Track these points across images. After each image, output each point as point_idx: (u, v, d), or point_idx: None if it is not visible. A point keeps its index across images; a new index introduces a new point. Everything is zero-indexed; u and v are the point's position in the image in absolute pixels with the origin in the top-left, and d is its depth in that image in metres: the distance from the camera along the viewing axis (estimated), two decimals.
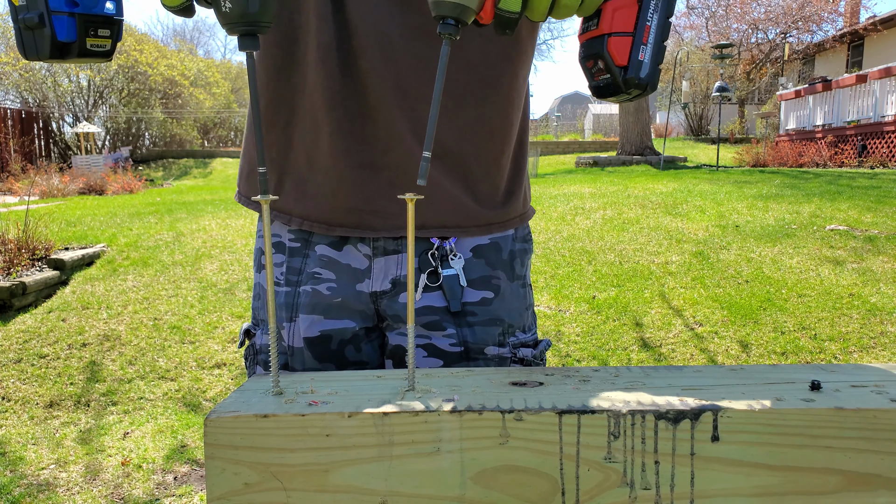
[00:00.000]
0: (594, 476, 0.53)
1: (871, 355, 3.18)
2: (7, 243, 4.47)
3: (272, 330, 0.61)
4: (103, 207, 7.77)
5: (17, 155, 16.89)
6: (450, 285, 0.85)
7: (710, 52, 17.84)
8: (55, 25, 0.63)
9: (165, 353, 3.53)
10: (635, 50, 0.63)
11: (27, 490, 2.39)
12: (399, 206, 0.83)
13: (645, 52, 0.63)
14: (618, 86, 0.64)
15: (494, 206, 0.89)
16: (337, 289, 0.87)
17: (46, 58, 0.64)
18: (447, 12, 0.58)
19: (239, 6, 0.56)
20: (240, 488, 0.54)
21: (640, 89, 0.63)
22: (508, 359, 0.88)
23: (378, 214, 0.84)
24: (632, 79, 0.63)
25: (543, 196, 7.29)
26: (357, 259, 0.87)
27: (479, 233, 0.87)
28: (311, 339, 0.88)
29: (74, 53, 0.65)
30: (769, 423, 0.53)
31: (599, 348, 3.43)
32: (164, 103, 22.27)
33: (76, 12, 0.64)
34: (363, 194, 0.83)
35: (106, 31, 0.67)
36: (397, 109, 0.80)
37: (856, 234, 4.90)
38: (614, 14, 0.63)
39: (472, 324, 0.86)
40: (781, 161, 12.32)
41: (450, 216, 0.85)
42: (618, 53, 0.63)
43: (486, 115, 0.84)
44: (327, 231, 0.86)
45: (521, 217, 0.93)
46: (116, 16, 0.68)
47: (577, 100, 41.42)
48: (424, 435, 0.54)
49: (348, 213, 0.84)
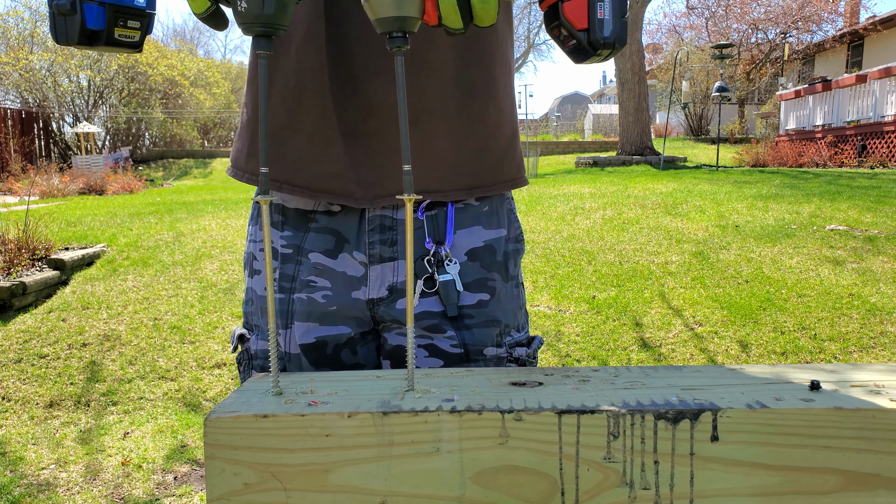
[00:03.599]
0: (594, 476, 0.54)
1: (870, 355, 3.18)
2: (7, 243, 4.46)
3: (272, 330, 0.61)
4: (103, 207, 7.77)
5: (17, 155, 16.89)
6: (446, 291, 0.85)
7: (710, 52, 17.84)
8: (85, 13, 0.65)
9: (165, 353, 3.53)
10: (592, 9, 0.60)
11: (27, 490, 2.39)
12: (377, 173, 0.83)
13: (604, 9, 0.60)
14: (586, 49, 0.62)
15: (483, 167, 0.88)
16: (332, 297, 0.87)
17: (75, 43, 0.66)
18: (390, 28, 0.58)
19: (255, 7, 0.57)
20: (239, 488, 0.54)
21: (609, 48, 0.61)
22: (505, 358, 0.88)
23: (360, 183, 0.83)
24: (596, 40, 0.61)
25: (543, 196, 7.29)
26: (353, 267, 0.86)
27: (466, 196, 0.87)
28: (307, 346, 0.88)
29: (102, 41, 0.67)
30: (768, 422, 0.53)
31: (599, 348, 3.43)
32: (165, 103, 22.27)
33: (106, 2, 0.66)
34: (345, 161, 0.83)
35: (136, 23, 0.69)
36: (380, 76, 0.80)
37: (856, 234, 4.90)
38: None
39: (469, 326, 0.86)
40: (781, 161, 12.32)
41: (436, 180, 0.85)
42: (575, 18, 0.61)
43: (465, 68, 0.83)
44: (311, 196, 0.85)
45: (512, 182, 0.92)
46: (148, 9, 0.70)
47: (577, 100, 41.41)
48: (424, 435, 0.54)
49: (332, 178, 0.84)
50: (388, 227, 0.86)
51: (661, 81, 24.21)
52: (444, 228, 0.87)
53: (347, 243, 0.86)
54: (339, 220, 0.87)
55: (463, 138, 0.86)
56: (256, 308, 0.92)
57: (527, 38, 34.02)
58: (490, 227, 0.90)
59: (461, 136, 0.85)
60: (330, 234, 0.87)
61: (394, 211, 0.86)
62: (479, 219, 0.89)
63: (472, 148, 0.87)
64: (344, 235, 0.87)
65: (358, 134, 0.82)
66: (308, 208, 0.88)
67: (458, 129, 0.85)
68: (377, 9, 0.57)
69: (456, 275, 0.85)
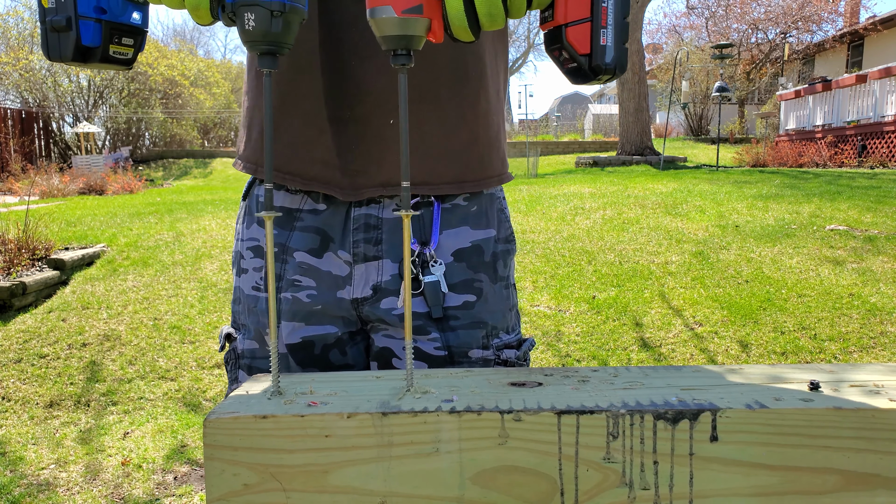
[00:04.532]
0: (593, 476, 0.53)
1: (870, 355, 3.18)
2: (7, 243, 4.47)
3: (272, 330, 0.61)
4: (103, 207, 7.77)
5: (17, 155, 16.88)
6: (431, 292, 0.84)
7: (710, 52, 17.83)
8: (81, 30, 0.65)
9: (165, 353, 3.53)
10: (595, 35, 0.61)
11: (27, 490, 2.39)
12: (363, 161, 0.83)
13: (606, 36, 0.61)
14: (586, 73, 0.62)
15: (472, 158, 0.87)
16: (317, 296, 0.86)
17: (69, 60, 0.66)
18: (395, 46, 0.58)
19: (262, 25, 0.57)
20: (239, 489, 0.54)
21: (609, 73, 0.62)
22: (492, 361, 0.87)
23: (345, 171, 0.83)
24: (598, 65, 0.61)
25: (543, 196, 7.29)
26: (337, 266, 0.86)
27: (455, 189, 0.86)
28: (294, 346, 0.87)
29: (97, 58, 0.67)
30: (768, 422, 0.53)
31: (599, 348, 3.43)
32: (165, 103, 22.26)
33: (103, 19, 0.66)
34: (333, 147, 0.83)
35: (130, 41, 0.69)
36: (369, 61, 0.80)
37: (856, 234, 4.90)
38: (568, 2, 0.61)
39: (454, 328, 0.86)
40: (781, 161, 12.32)
41: (424, 171, 0.84)
42: (578, 43, 0.61)
43: (458, 54, 0.83)
44: (303, 185, 0.84)
45: (499, 177, 0.91)
46: (142, 27, 0.70)
47: (577, 100, 41.41)
48: (423, 435, 0.54)
49: (322, 165, 0.83)
50: (373, 226, 0.85)
51: (661, 81, 24.21)
52: (430, 229, 0.86)
53: (332, 242, 0.86)
54: (325, 219, 0.86)
55: (454, 126, 0.85)
56: (244, 307, 0.91)
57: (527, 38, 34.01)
58: (478, 227, 0.89)
59: (452, 124, 0.84)
60: (315, 232, 0.86)
61: (379, 209, 0.85)
62: (466, 219, 0.88)
63: (462, 137, 0.86)
64: (329, 234, 0.86)
65: (345, 119, 0.82)
66: (294, 206, 0.87)
67: (449, 116, 0.84)
68: (383, 27, 0.57)
69: (441, 276, 0.85)
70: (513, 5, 0.59)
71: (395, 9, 0.56)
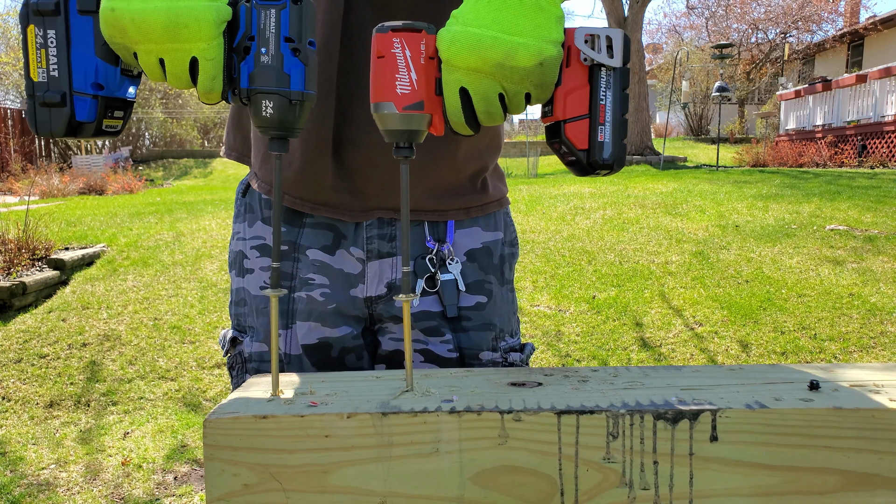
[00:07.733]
0: (593, 476, 0.53)
1: (870, 355, 3.18)
2: (7, 243, 4.46)
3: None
4: (103, 207, 7.77)
5: (17, 155, 16.89)
6: (447, 290, 0.84)
7: (710, 52, 17.83)
8: (76, 106, 0.63)
9: (165, 353, 3.53)
10: (594, 132, 0.62)
11: (27, 490, 2.39)
12: (377, 187, 0.83)
13: (604, 133, 0.62)
14: (584, 168, 0.63)
15: (479, 188, 0.88)
16: (331, 294, 0.85)
17: (60, 135, 0.64)
18: (398, 139, 0.60)
19: (280, 113, 0.58)
20: (239, 489, 0.54)
21: (607, 169, 0.63)
22: (500, 363, 0.88)
23: (356, 195, 0.83)
24: (596, 161, 0.62)
25: (543, 196, 7.29)
26: (350, 263, 0.85)
27: (463, 216, 0.87)
28: (310, 347, 0.85)
29: (89, 133, 0.65)
30: (768, 422, 0.53)
31: (599, 348, 3.43)
32: (164, 103, 22.27)
33: (100, 95, 0.64)
34: (345, 172, 0.83)
35: (120, 113, 0.67)
36: None
37: (856, 234, 4.90)
38: (566, 99, 0.62)
39: (466, 329, 0.86)
40: (781, 161, 12.32)
41: (434, 200, 0.85)
42: (576, 138, 0.62)
43: None
44: (312, 209, 0.84)
45: (499, 202, 0.92)
46: (131, 98, 0.69)
47: None
48: (423, 436, 0.54)
49: (334, 191, 0.83)
50: (387, 223, 0.85)
51: (661, 81, 24.21)
52: (445, 227, 0.86)
53: (345, 239, 0.85)
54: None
55: (466, 161, 0.86)
56: (251, 309, 0.88)
57: None
58: (488, 228, 0.89)
59: (463, 163, 0.85)
60: (327, 229, 0.85)
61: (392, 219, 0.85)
62: (477, 220, 0.89)
63: (471, 172, 0.87)
64: (341, 231, 0.85)
65: (360, 143, 0.81)
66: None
67: (461, 155, 0.85)
68: (385, 122, 0.59)
69: (458, 274, 0.85)
70: (511, 103, 0.60)
71: (397, 105, 0.58)
